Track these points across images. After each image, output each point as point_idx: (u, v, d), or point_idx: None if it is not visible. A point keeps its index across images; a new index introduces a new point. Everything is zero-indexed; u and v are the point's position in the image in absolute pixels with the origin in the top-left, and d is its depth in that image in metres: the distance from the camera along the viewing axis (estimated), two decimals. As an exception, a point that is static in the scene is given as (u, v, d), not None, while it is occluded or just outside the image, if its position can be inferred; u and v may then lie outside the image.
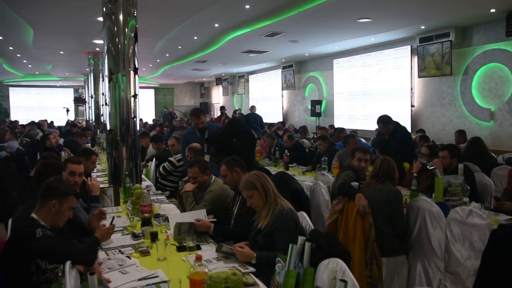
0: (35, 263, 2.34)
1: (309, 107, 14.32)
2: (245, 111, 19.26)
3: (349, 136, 6.21)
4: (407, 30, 9.44)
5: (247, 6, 7.92)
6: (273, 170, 5.73)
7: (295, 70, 15.34)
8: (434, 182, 3.86)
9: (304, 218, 2.92)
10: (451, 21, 8.39)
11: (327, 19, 8.41)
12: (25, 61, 15.11)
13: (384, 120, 5.75)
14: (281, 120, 15.65)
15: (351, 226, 3.43)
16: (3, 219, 3.84)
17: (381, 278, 3.33)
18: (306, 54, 13.73)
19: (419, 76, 9.86)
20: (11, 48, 12.38)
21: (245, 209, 3.03)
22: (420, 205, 3.49)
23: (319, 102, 14.03)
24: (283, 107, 16.70)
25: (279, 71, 16.40)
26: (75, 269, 2.20)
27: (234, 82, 20.86)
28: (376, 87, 11.61)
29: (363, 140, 8.49)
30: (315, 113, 13.90)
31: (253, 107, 14.10)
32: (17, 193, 3.73)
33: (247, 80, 19.60)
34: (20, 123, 15.73)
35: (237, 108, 19.81)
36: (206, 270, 2.00)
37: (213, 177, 3.75)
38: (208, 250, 2.84)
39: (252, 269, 2.54)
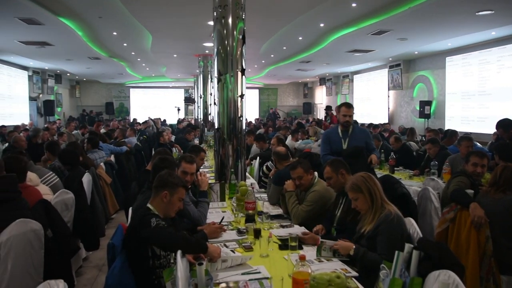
0: (151, 249, 2.55)
1: (418, 108, 13.56)
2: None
3: (464, 138, 5.71)
4: (538, 22, 8.45)
5: (354, 5, 7.74)
6: (378, 173, 5.52)
7: (403, 69, 14.64)
8: None
9: (412, 224, 2.77)
10: None
11: (441, 13, 7.88)
12: (143, 64, 16.55)
13: (505, 125, 5.18)
14: (386, 121, 15.03)
15: (464, 238, 3.16)
16: (125, 207, 4.25)
17: (500, 297, 3.02)
18: (416, 52, 13.01)
19: (550, 74, 8.77)
20: (133, 53, 13.65)
21: (351, 215, 2.96)
22: (551, 220, 3.09)
23: (428, 103, 13.21)
24: (388, 108, 16.02)
25: (386, 70, 15.78)
26: (185, 258, 2.35)
27: (338, 82, 20.53)
28: (496, 86, 10.60)
29: (478, 144, 7.77)
30: (423, 115, 13.12)
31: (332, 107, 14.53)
32: (135, 185, 4.07)
33: (352, 80, 19.16)
34: (138, 121, 17.26)
35: (340, 109, 19.43)
36: (309, 271, 2.00)
37: (317, 177, 3.73)
38: (310, 251, 2.83)
39: (354, 273, 2.48)
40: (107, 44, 12.06)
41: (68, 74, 20.05)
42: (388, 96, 15.95)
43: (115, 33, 10.46)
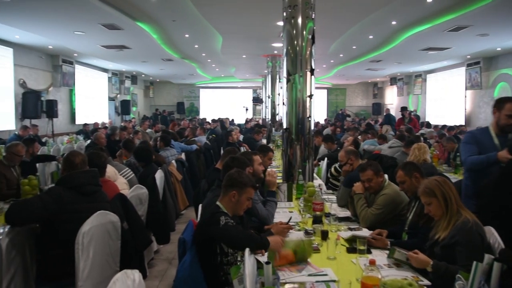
0: (219, 245, 2.60)
1: (499, 109, 12.62)
2: (421, 113, 18.08)
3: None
4: None
5: (429, 0, 7.39)
6: (453, 178, 5.24)
7: (483, 67, 13.72)
8: None
9: (492, 234, 2.58)
10: None
11: (530, 5, 7.27)
12: (213, 65, 17.01)
13: None
14: (462, 123, 14.20)
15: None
16: (194, 204, 4.39)
17: None
18: (498, 49, 12.15)
19: None
20: (203, 54, 14.08)
21: (423, 219, 2.82)
22: None
23: (512, 104, 12.23)
24: (465, 109, 15.09)
25: (463, 69, 14.90)
26: (253, 257, 2.37)
27: (410, 82, 19.74)
28: None
29: None
30: (506, 116, 12.17)
31: (388, 109, 14.96)
32: (205, 182, 4.18)
33: (425, 80, 18.33)
34: (207, 120, 17.76)
35: (412, 110, 18.70)
36: (379, 276, 1.94)
37: (387, 180, 3.61)
38: (379, 255, 2.74)
39: (426, 282, 2.37)
40: (179, 46, 12.54)
41: (143, 75, 21.15)
42: (465, 96, 15.03)
43: (187, 35, 10.85)
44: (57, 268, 2.87)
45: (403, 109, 13.06)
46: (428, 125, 14.14)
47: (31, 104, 11.52)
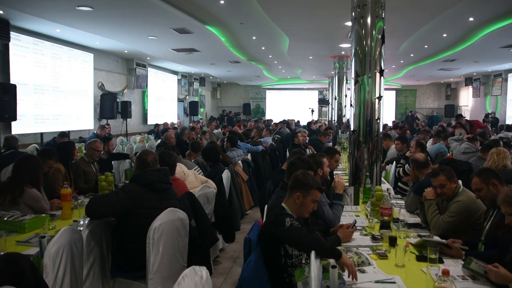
0: (283, 247, 2.60)
1: None
2: (500, 115, 16.91)
3: None
4: None
5: (512, -6, 6.89)
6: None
7: None
8: None
9: None
10: None
11: None
12: (280, 67, 17.07)
13: None
14: (549, 126, 13.04)
15: None
16: (260, 204, 4.44)
17: None
18: None
19: None
20: (270, 56, 14.17)
21: (502, 229, 2.63)
22: None
23: None
24: (553, 111, 13.86)
25: (551, 67, 13.68)
26: (319, 260, 2.35)
27: (488, 82, 18.49)
28: None
29: None
30: None
31: (432, 111, 15.28)
32: (271, 183, 4.21)
33: (505, 80, 17.07)
34: (273, 122, 17.85)
35: (490, 112, 17.53)
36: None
37: (461, 186, 3.41)
38: (452, 266, 2.60)
39: (506, 298, 2.21)
40: (246, 49, 12.73)
41: (211, 77, 21.74)
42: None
43: (254, 38, 10.99)
44: (130, 260, 3.04)
45: (458, 117, 12.15)
46: (508, 128, 13.16)
47: (108, 105, 12.29)
